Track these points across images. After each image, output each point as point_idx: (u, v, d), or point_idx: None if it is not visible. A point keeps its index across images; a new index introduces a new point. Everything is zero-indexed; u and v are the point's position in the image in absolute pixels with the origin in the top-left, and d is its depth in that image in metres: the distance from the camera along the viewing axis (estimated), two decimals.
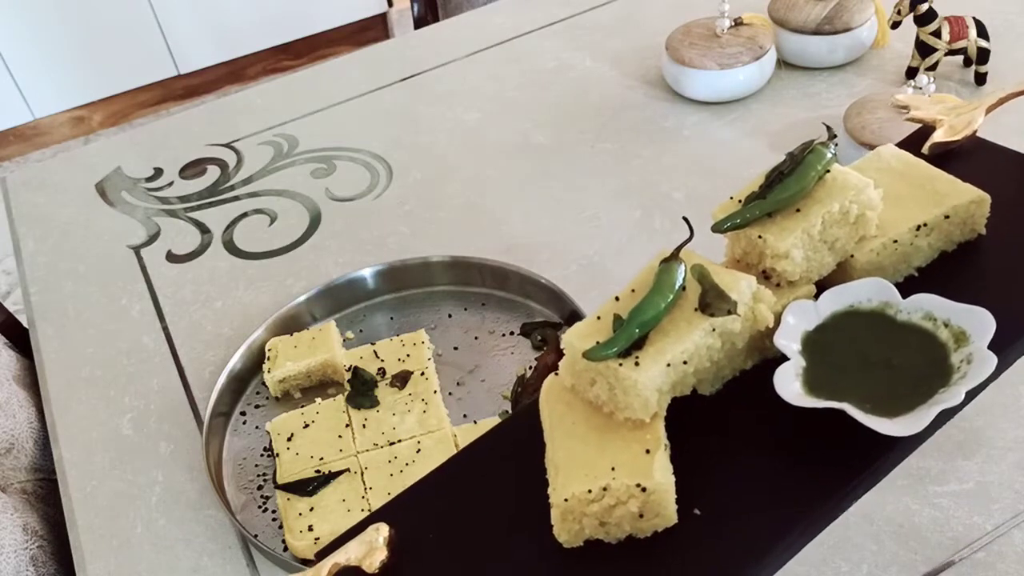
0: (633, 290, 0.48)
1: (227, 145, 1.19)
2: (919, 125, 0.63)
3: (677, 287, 0.46)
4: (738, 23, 1.12)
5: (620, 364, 0.44)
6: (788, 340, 0.47)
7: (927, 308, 0.48)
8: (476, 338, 0.87)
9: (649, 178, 1.03)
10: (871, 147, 0.93)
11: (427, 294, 0.92)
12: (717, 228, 0.51)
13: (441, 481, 0.51)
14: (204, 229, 1.06)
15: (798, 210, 0.49)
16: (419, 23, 1.66)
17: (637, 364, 0.44)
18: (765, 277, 0.50)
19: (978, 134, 0.61)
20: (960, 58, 1.11)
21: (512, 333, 0.87)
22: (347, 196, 1.07)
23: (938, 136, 0.60)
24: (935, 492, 0.69)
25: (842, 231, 0.50)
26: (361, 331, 0.90)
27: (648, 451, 0.44)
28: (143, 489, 0.79)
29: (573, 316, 0.85)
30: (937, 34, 1.06)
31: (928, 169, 0.55)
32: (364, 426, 0.77)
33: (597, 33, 1.30)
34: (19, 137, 2.78)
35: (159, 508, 0.77)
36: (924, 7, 1.04)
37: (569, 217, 1.00)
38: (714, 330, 0.46)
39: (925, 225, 0.52)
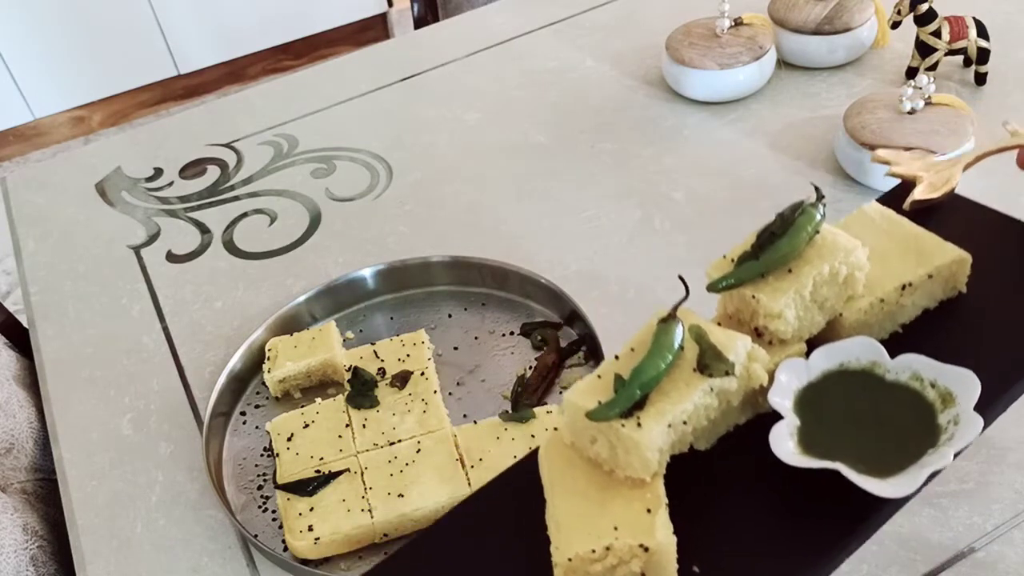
0: (632, 349, 0.48)
1: (227, 145, 1.19)
2: (899, 181, 0.65)
3: (676, 347, 0.47)
4: (738, 23, 1.12)
5: (623, 424, 0.45)
6: (781, 398, 0.48)
7: (915, 368, 0.48)
8: (476, 338, 0.87)
9: (649, 178, 1.03)
10: (871, 147, 0.93)
11: (427, 294, 0.92)
12: (712, 288, 0.52)
13: (436, 538, 0.49)
14: (204, 229, 1.06)
15: (790, 270, 0.50)
16: (419, 23, 1.66)
17: (639, 425, 0.45)
18: (757, 334, 0.51)
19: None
20: (960, 58, 1.11)
21: (512, 333, 0.87)
22: (347, 196, 1.07)
23: (918, 193, 0.61)
24: (935, 492, 0.69)
25: (832, 291, 0.51)
26: (361, 331, 0.90)
27: (649, 511, 0.45)
28: (143, 489, 0.79)
29: (573, 316, 0.85)
30: (937, 34, 1.06)
31: (911, 227, 0.57)
32: (364, 426, 0.77)
33: (597, 33, 1.30)
34: (19, 137, 2.78)
35: (159, 508, 0.77)
36: (924, 7, 1.04)
37: (569, 217, 1.00)
38: (712, 390, 0.48)
39: (910, 284, 0.54)
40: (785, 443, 0.46)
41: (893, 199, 0.62)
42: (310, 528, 0.70)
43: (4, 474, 0.87)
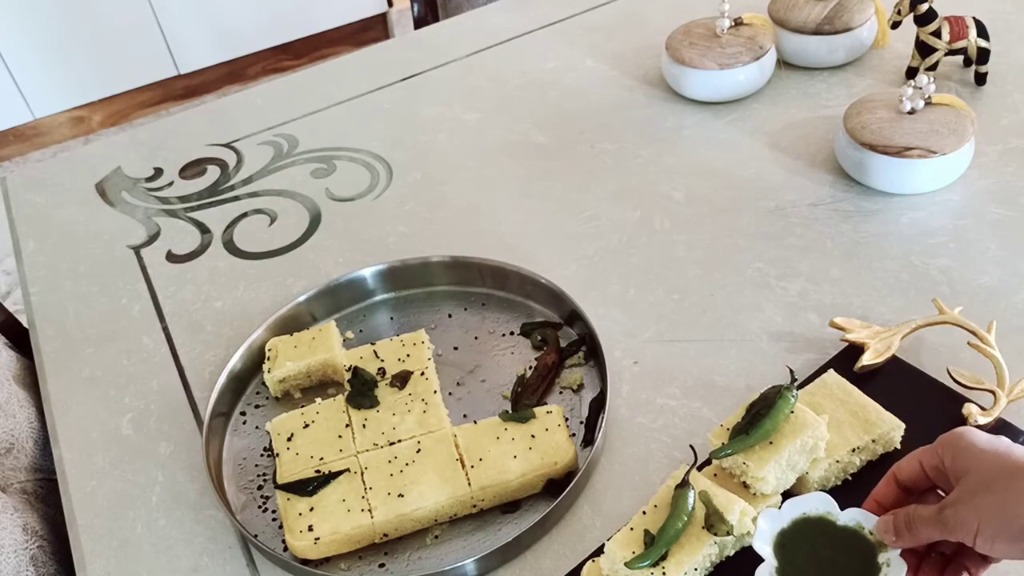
0: (656, 506, 0.64)
1: (227, 145, 1.19)
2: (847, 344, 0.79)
3: (690, 509, 0.63)
4: (738, 23, 1.12)
5: (651, 573, 0.61)
6: (763, 543, 0.62)
7: (858, 519, 0.62)
8: (476, 338, 0.87)
9: (649, 178, 1.03)
10: (871, 147, 0.93)
11: (427, 294, 0.92)
12: (714, 455, 0.66)
13: None
14: (204, 229, 1.06)
15: (771, 443, 0.65)
16: (419, 23, 1.66)
17: (664, 574, 0.61)
18: (744, 486, 0.67)
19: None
20: (960, 58, 1.11)
21: (512, 333, 0.87)
22: (347, 196, 1.07)
23: (866, 359, 0.76)
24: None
25: (802, 456, 0.66)
26: (361, 331, 0.90)
27: None
28: (143, 489, 0.79)
29: (573, 316, 0.85)
30: (937, 34, 1.06)
31: (860, 397, 0.72)
32: (364, 426, 0.77)
33: (597, 33, 1.30)
34: (19, 137, 2.78)
35: (159, 508, 0.77)
36: (924, 7, 1.04)
37: (569, 217, 1.00)
38: (715, 543, 0.63)
39: (859, 448, 0.69)
40: None
41: (845, 359, 0.78)
42: (310, 528, 0.70)
43: (4, 474, 0.87)
